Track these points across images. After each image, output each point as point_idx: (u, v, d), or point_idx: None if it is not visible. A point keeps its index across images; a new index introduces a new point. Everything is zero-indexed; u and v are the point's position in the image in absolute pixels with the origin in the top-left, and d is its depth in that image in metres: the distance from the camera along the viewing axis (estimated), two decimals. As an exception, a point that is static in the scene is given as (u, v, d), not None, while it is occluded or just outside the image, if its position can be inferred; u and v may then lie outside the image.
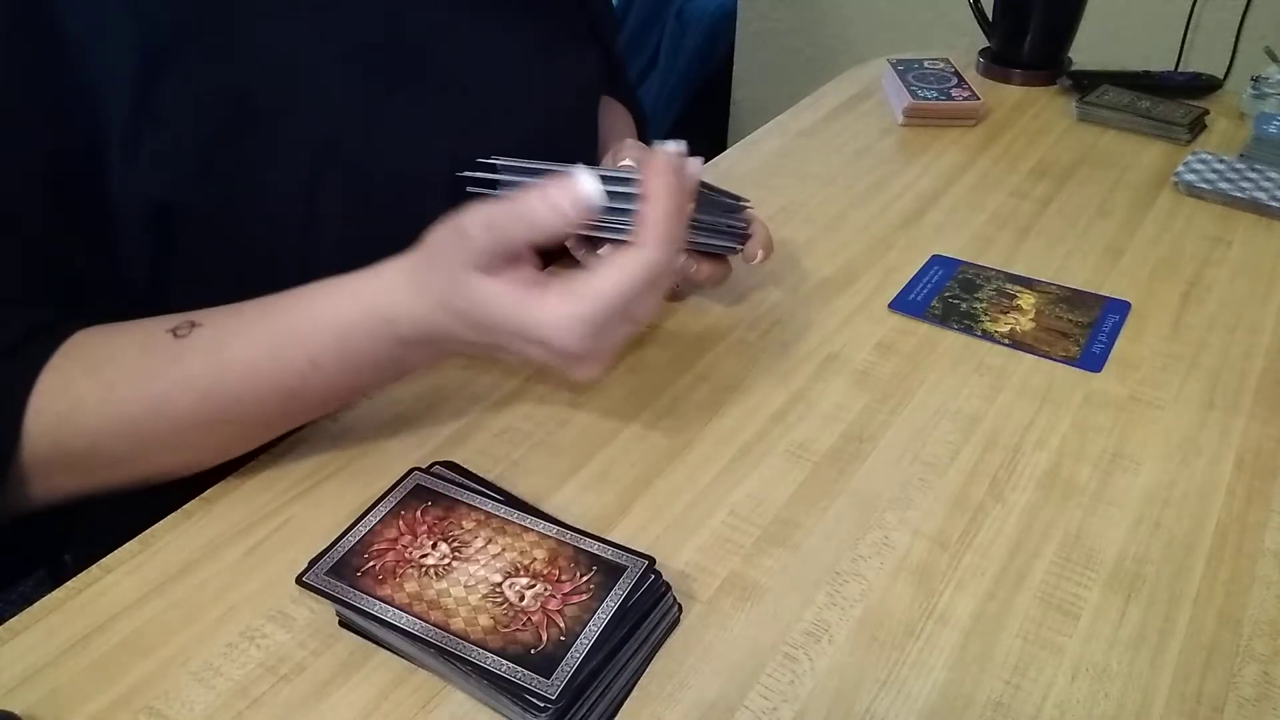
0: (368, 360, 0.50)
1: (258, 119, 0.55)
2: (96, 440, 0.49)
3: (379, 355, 0.50)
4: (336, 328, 0.49)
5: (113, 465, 0.50)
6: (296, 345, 0.49)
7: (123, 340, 0.50)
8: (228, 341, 0.49)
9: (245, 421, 0.51)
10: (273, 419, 0.52)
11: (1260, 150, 0.90)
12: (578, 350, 0.45)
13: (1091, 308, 0.70)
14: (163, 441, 0.50)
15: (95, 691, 0.42)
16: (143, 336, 0.50)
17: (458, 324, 0.47)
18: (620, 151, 0.65)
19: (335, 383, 0.51)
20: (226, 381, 0.49)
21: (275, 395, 0.50)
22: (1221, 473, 0.55)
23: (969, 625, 0.46)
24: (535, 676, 0.40)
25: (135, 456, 0.50)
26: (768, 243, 0.65)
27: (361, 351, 0.49)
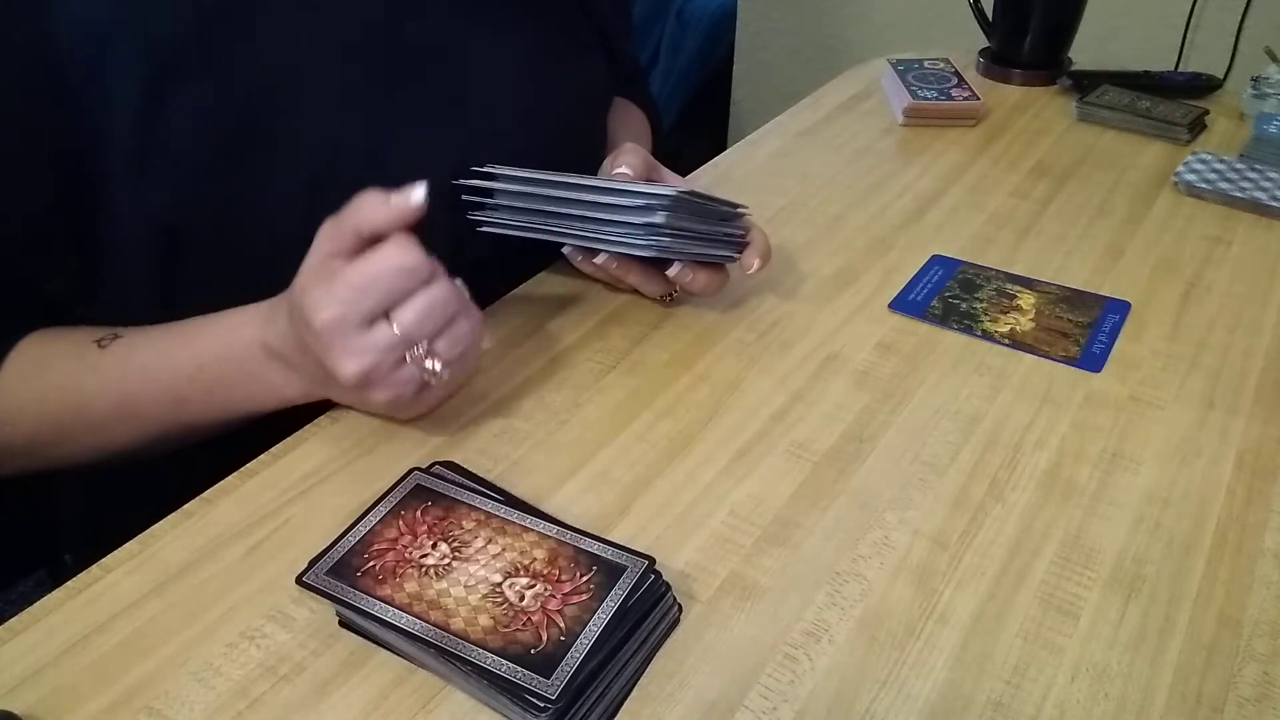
0: (242, 371, 0.54)
1: (258, 134, 0.56)
2: (33, 437, 0.56)
3: (250, 367, 0.54)
4: (220, 337, 0.54)
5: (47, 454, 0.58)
6: (187, 352, 0.54)
7: (57, 349, 0.56)
8: (137, 348, 0.55)
9: (145, 422, 0.56)
10: (167, 423, 0.56)
11: (1260, 150, 0.90)
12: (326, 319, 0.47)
13: (1091, 308, 0.70)
14: (86, 437, 0.56)
15: (95, 691, 0.42)
16: (73, 346, 0.56)
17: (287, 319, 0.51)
18: (619, 157, 0.65)
19: (216, 394, 0.55)
20: (130, 385, 0.55)
21: (169, 398, 0.55)
22: (1221, 473, 0.55)
23: (969, 625, 0.46)
24: (535, 676, 0.40)
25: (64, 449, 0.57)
26: (765, 251, 0.65)
27: (236, 360, 0.54)
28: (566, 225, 0.61)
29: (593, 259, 0.64)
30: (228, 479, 0.54)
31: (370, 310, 0.48)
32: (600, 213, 0.60)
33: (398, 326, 0.48)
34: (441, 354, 0.50)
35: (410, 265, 0.48)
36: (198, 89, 0.54)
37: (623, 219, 0.59)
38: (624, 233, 0.60)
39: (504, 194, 0.62)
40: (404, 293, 0.48)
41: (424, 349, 0.49)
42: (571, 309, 0.68)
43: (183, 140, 0.54)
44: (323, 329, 0.47)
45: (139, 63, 0.52)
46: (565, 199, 0.60)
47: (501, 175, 0.62)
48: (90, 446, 0.57)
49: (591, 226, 0.60)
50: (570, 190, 0.60)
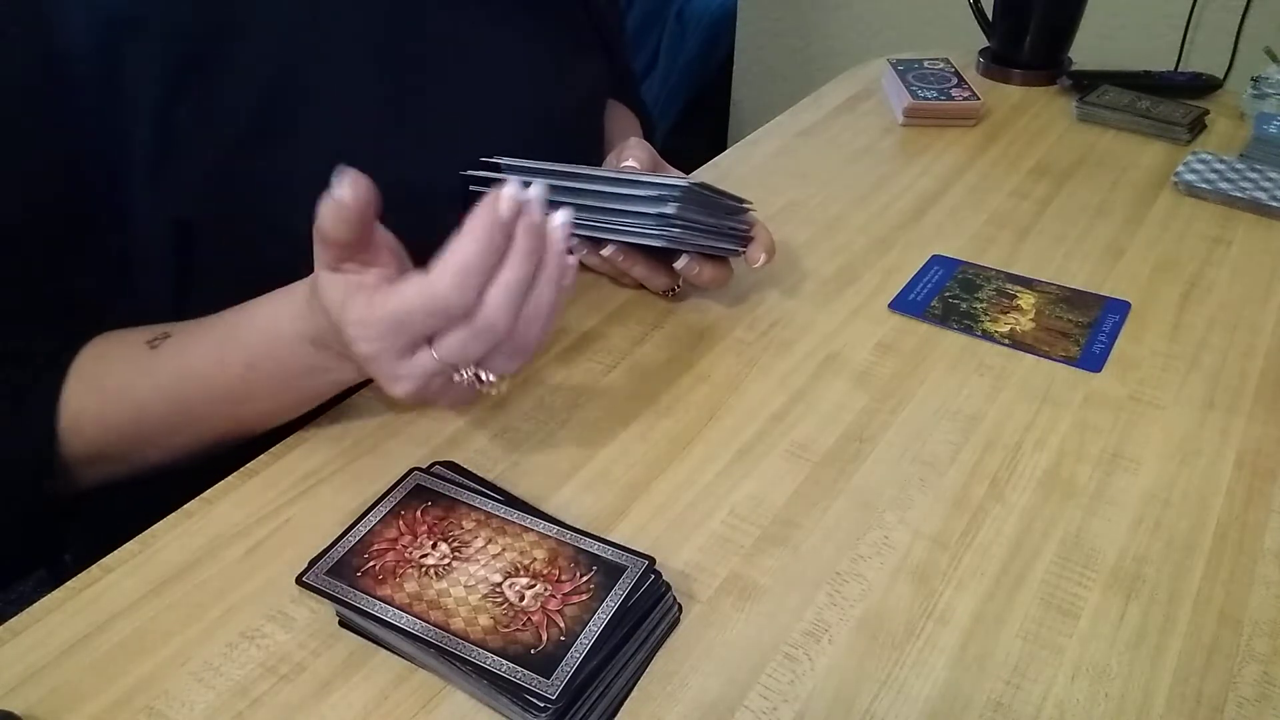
0: (294, 364, 0.52)
1: (272, 130, 0.56)
2: (100, 445, 0.54)
3: (301, 358, 0.52)
4: (268, 331, 0.52)
5: (117, 464, 0.56)
6: (237, 350, 0.52)
7: (112, 354, 0.55)
8: (187, 349, 0.54)
9: (205, 424, 0.55)
10: (226, 422, 0.55)
11: (1260, 150, 0.90)
12: (368, 352, 0.46)
13: (1091, 308, 0.70)
14: (146, 442, 0.55)
15: (95, 691, 0.42)
16: (126, 349, 0.55)
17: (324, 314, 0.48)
18: (625, 151, 0.65)
19: (272, 387, 0.53)
20: (186, 388, 0.53)
21: (224, 399, 0.53)
22: (1221, 473, 0.55)
23: (969, 625, 0.46)
24: (535, 676, 0.40)
25: (127, 456, 0.55)
26: (770, 245, 0.66)
27: (287, 354, 0.52)
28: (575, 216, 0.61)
29: (599, 251, 0.64)
30: (228, 479, 0.54)
31: (406, 345, 0.46)
32: (610, 203, 0.60)
33: (438, 354, 0.46)
34: (496, 369, 0.48)
35: (433, 308, 0.44)
36: (214, 86, 0.54)
37: (634, 209, 0.59)
38: (635, 223, 0.60)
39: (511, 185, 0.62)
40: (436, 329, 0.45)
41: (471, 371, 0.47)
42: (572, 308, 0.68)
43: (199, 136, 0.54)
44: (365, 361, 0.46)
45: (156, 61, 0.52)
46: (575, 189, 0.60)
47: (509, 166, 0.62)
48: (161, 448, 0.55)
49: (601, 217, 0.60)
50: (580, 181, 0.60)
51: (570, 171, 0.60)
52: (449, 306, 0.44)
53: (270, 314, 0.52)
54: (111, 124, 0.53)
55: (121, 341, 0.55)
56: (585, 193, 0.60)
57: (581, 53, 0.74)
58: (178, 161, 0.54)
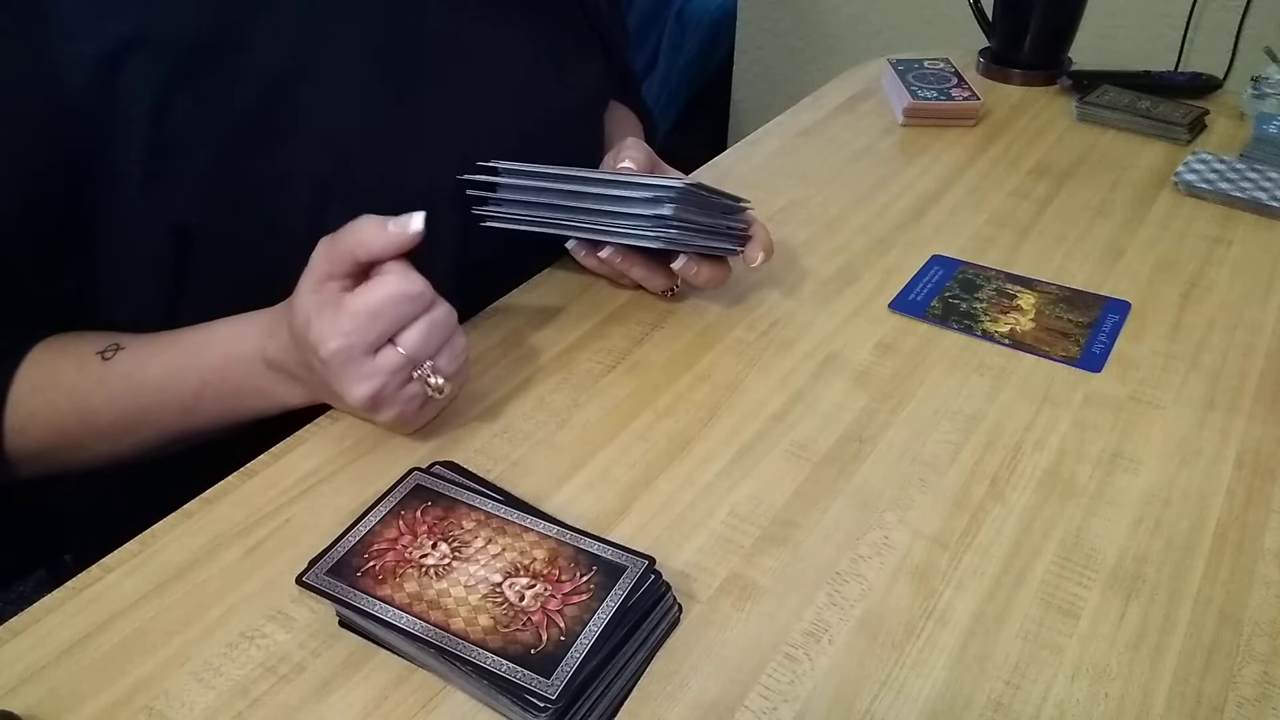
0: (246, 384, 0.55)
1: (269, 134, 0.56)
2: (42, 444, 0.57)
3: (254, 380, 0.55)
4: (224, 350, 0.55)
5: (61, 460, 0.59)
6: (192, 365, 0.55)
7: (63, 363, 0.57)
8: (143, 363, 0.56)
9: (154, 431, 0.57)
10: (175, 431, 0.58)
11: (1260, 150, 0.90)
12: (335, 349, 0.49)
13: (1091, 308, 0.70)
14: (94, 445, 0.58)
15: (95, 691, 0.42)
16: (78, 359, 0.57)
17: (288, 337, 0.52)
18: (622, 151, 0.65)
19: (222, 404, 0.56)
20: (139, 399, 0.56)
21: (175, 409, 0.56)
22: (1221, 473, 0.55)
23: (969, 625, 0.46)
24: (535, 676, 0.40)
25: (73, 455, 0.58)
26: (768, 245, 0.65)
27: (240, 373, 0.55)
28: (573, 218, 0.61)
29: (597, 253, 0.64)
30: (228, 479, 0.54)
31: (376, 338, 0.49)
32: (607, 205, 0.60)
33: (403, 348, 0.50)
34: (443, 370, 0.52)
35: (413, 293, 0.50)
36: (210, 91, 0.54)
37: (631, 210, 0.59)
38: (632, 224, 0.60)
39: (508, 188, 0.62)
40: (407, 319, 0.50)
41: (428, 368, 0.51)
42: (572, 308, 0.68)
43: (195, 142, 0.54)
44: (330, 358, 0.49)
45: (152, 67, 0.52)
46: (571, 192, 0.60)
47: (506, 170, 0.62)
48: (101, 454, 0.58)
49: (598, 219, 0.60)
50: (576, 183, 0.60)
51: (567, 174, 0.60)
52: (420, 293, 0.50)
53: (229, 336, 0.56)
54: (108, 130, 0.53)
55: (71, 350, 0.57)
56: (582, 195, 0.60)
57: (581, 54, 0.74)
58: (174, 166, 0.54)
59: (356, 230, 0.50)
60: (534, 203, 0.61)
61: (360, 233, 0.50)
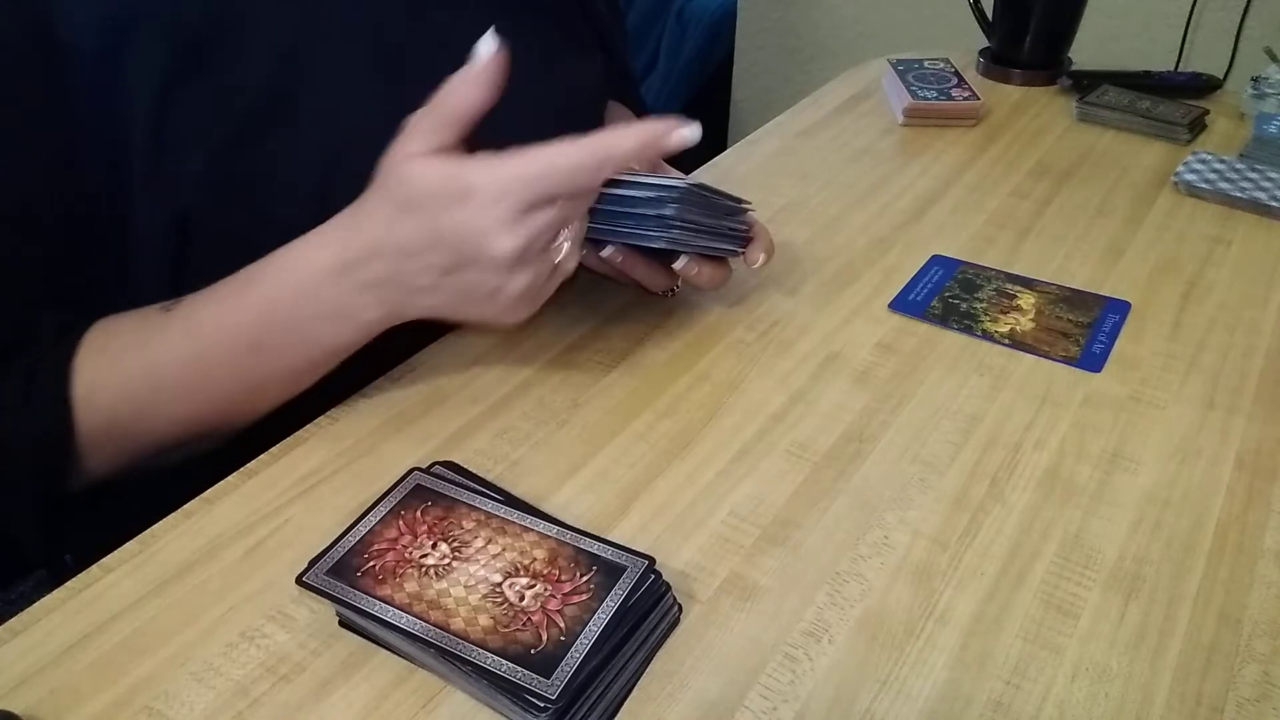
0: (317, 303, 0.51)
1: (271, 123, 0.56)
2: (111, 416, 0.53)
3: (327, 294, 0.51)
4: (287, 273, 0.52)
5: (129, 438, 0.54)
6: (254, 289, 0.52)
7: (124, 325, 0.54)
8: (201, 304, 0.53)
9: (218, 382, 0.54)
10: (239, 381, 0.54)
11: (1260, 150, 0.90)
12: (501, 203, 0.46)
13: (1091, 308, 0.70)
14: (162, 411, 0.54)
15: (95, 691, 0.42)
16: (140, 315, 0.55)
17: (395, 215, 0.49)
18: None
19: (291, 334, 0.52)
20: (202, 342, 0.52)
21: (242, 346, 0.52)
22: (1221, 473, 0.55)
23: (969, 625, 0.46)
24: (535, 676, 0.40)
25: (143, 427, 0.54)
26: (769, 245, 0.65)
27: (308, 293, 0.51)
28: None
29: (598, 253, 0.64)
30: (228, 479, 0.54)
31: (539, 197, 0.47)
32: (610, 205, 0.60)
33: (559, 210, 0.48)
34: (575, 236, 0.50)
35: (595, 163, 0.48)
36: (211, 79, 0.54)
37: (633, 211, 0.59)
38: (635, 224, 0.60)
39: None
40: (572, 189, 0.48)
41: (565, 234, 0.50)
42: (571, 309, 0.68)
43: (197, 129, 0.54)
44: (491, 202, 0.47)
45: (154, 56, 0.52)
46: None
47: None
48: (173, 419, 0.55)
49: (601, 219, 0.60)
50: None
51: None
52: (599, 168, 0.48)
53: (289, 257, 0.52)
54: (110, 118, 0.53)
55: (133, 314, 0.55)
56: None
57: (580, 53, 0.74)
58: (175, 155, 0.54)
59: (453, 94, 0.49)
60: None
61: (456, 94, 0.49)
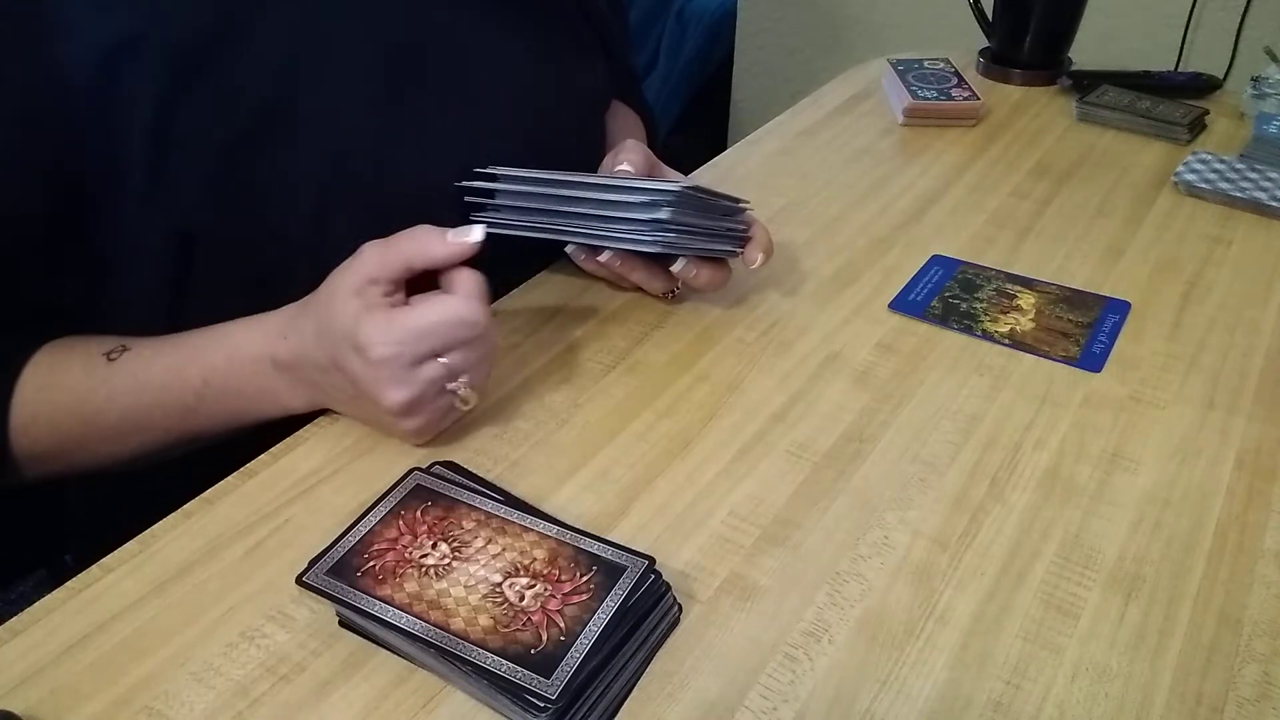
0: (249, 384, 0.55)
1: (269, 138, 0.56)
2: (46, 446, 0.56)
3: (258, 380, 0.55)
4: (227, 349, 0.55)
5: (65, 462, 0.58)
6: (195, 364, 0.55)
7: (68, 363, 0.56)
8: (147, 363, 0.56)
9: (157, 432, 0.57)
10: (178, 433, 0.57)
11: (1260, 150, 0.90)
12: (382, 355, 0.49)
13: (1091, 308, 0.70)
14: (97, 447, 0.57)
15: (95, 691, 0.42)
16: (83, 359, 0.56)
17: (313, 339, 0.52)
18: (620, 154, 0.65)
19: (223, 405, 0.56)
20: (141, 399, 0.55)
21: (177, 410, 0.56)
22: (1221, 473, 0.55)
23: (969, 625, 0.46)
24: (535, 676, 0.40)
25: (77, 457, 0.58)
26: (767, 245, 0.65)
27: (244, 373, 0.54)
28: (570, 224, 0.61)
29: (596, 257, 0.64)
30: (228, 479, 0.54)
31: (426, 353, 0.50)
32: (605, 210, 0.60)
33: (446, 363, 0.51)
34: (474, 383, 0.53)
35: (471, 321, 0.51)
36: (210, 94, 0.54)
37: (628, 215, 0.59)
38: (629, 229, 0.60)
39: (506, 194, 0.62)
40: (459, 342, 0.51)
41: (462, 382, 0.52)
42: (571, 309, 0.68)
43: (197, 143, 0.54)
44: (379, 361, 0.50)
45: (153, 73, 0.52)
46: (568, 197, 0.60)
47: (503, 176, 0.61)
48: (105, 455, 0.58)
49: (596, 224, 0.60)
50: (573, 189, 0.60)
51: (564, 179, 0.60)
52: (477, 322, 0.51)
53: (235, 336, 0.55)
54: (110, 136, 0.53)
55: (78, 350, 0.57)
56: (579, 200, 0.60)
57: (581, 54, 0.74)
58: (176, 167, 0.54)
59: (413, 239, 0.51)
60: (532, 208, 0.61)
61: (417, 242, 0.51)
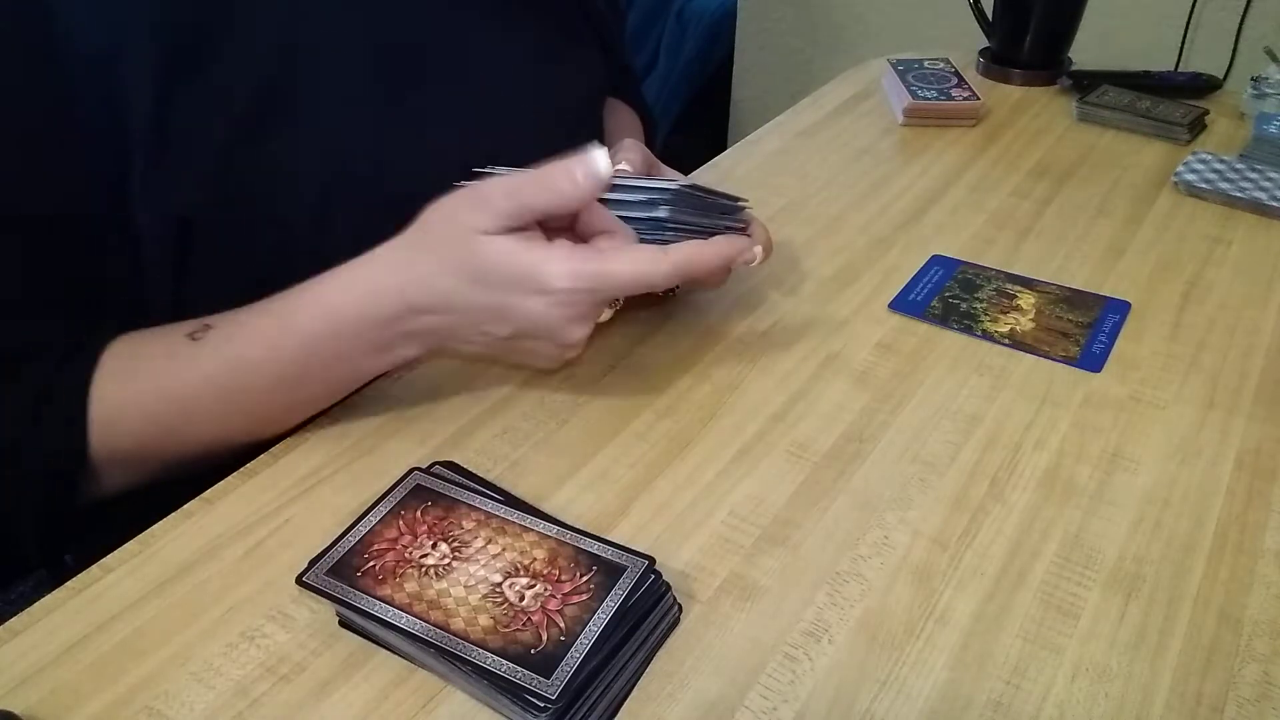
0: (366, 338, 0.52)
1: (270, 126, 0.56)
2: (139, 438, 0.53)
3: (373, 333, 0.52)
4: (328, 302, 0.52)
5: (158, 456, 0.55)
6: (291, 334, 0.52)
7: (149, 349, 0.54)
8: (236, 338, 0.53)
9: (255, 412, 0.54)
10: (282, 407, 0.55)
11: (1260, 150, 0.90)
12: (576, 303, 0.49)
13: (1091, 308, 0.70)
14: (194, 435, 0.54)
15: (95, 691, 0.42)
16: (166, 343, 0.54)
17: (465, 283, 0.49)
18: (618, 153, 0.65)
19: (333, 365, 0.53)
20: (237, 378, 0.52)
21: (280, 385, 0.53)
22: (1221, 473, 0.55)
23: (969, 625, 0.46)
24: (535, 676, 0.40)
25: (173, 450, 0.55)
26: (766, 243, 0.65)
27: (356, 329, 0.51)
28: None
29: None
30: (228, 479, 0.54)
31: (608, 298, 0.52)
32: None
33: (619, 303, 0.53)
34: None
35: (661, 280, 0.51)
36: (211, 80, 0.54)
37: (625, 214, 0.59)
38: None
39: None
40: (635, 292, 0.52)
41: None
42: (571, 309, 0.68)
43: (196, 135, 0.54)
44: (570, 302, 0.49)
45: (152, 58, 0.52)
46: None
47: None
48: (204, 441, 0.55)
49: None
50: None
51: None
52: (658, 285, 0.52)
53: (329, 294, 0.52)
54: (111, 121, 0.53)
55: (156, 338, 0.55)
56: None
57: (579, 51, 0.74)
58: (176, 156, 0.54)
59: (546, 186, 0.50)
60: None
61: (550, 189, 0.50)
